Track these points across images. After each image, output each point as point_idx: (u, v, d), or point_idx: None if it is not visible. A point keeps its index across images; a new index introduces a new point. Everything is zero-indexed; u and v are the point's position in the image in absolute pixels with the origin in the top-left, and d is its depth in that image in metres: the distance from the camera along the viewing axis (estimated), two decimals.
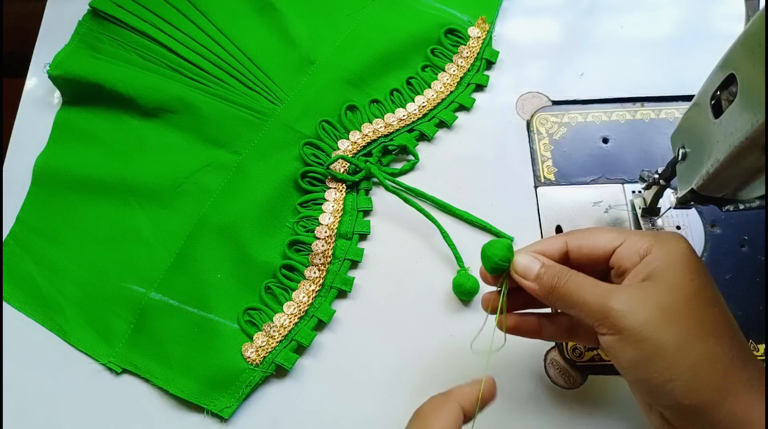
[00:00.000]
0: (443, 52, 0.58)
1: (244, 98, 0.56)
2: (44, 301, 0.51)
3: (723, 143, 0.34)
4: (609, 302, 0.32)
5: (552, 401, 0.46)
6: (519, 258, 0.37)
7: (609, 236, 0.36)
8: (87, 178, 0.54)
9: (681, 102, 0.55)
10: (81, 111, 0.58)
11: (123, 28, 0.58)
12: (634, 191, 0.52)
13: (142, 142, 0.56)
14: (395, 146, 0.54)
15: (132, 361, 0.48)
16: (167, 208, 0.53)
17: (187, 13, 0.59)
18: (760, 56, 0.30)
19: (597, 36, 0.60)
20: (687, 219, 0.51)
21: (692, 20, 0.60)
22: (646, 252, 0.34)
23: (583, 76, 0.57)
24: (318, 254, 0.50)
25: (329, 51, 0.58)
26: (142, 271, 0.51)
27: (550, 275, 0.35)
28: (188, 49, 0.57)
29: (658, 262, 0.34)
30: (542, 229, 0.51)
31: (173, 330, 0.48)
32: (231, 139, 0.54)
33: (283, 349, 0.47)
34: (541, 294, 0.36)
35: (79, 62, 0.57)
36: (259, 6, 0.60)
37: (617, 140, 0.54)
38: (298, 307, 0.48)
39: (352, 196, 0.53)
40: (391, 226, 0.52)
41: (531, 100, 0.57)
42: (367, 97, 0.56)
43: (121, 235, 0.52)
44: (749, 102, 0.31)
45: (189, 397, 0.46)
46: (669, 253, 0.34)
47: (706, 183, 0.37)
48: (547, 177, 0.53)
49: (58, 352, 0.49)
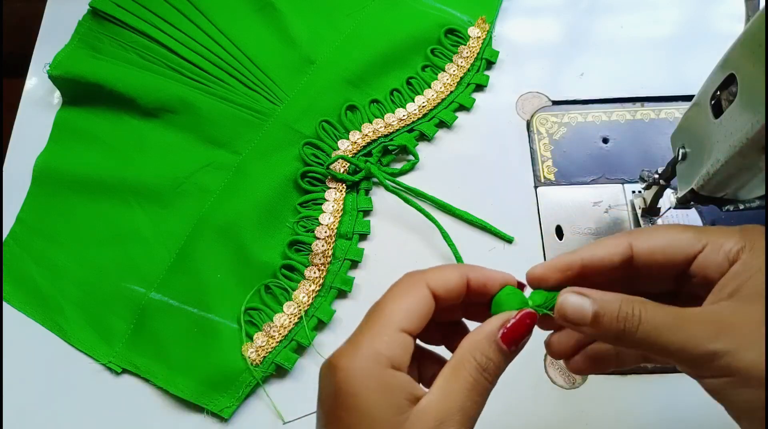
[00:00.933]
0: (443, 52, 0.58)
1: (244, 98, 0.56)
2: (44, 301, 0.51)
3: (723, 143, 0.34)
4: (710, 344, 0.25)
5: (552, 401, 0.45)
6: (562, 300, 0.27)
7: (686, 237, 0.28)
8: (87, 178, 0.54)
9: (681, 102, 0.55)
10: (81, 111, 0.58)
11: (123, 28, 0.58)
12: (634, 191, 0.52)
13: (142, 142, 0.56)
14: (395, 146, 0.54)
15: (132, 361, 0.48)
16: (167, 208, 0.53)
17: (187, 13, 0.59)
18: (760, 56, 0.30)
19: (597, 36, 0.60)
20: (687, 219, 0.51)
21: (692, 20, 0.60)
22: (736, 256, 0.27)
23: (583, 76, 0.57)
24: (318, 254, 0.50)
25: (329, 51, 0.58)
26: (142, 271, 0.51)
27: (612, 317, 0.26)
28: (188, 49, 0.57)
29: (753, 269, 0.26)
30: (542, 229, 0.51)
31: (173, 330, 0.48)
32: (231, 139, 0.54)
33: (283, 349, 0.47)
34: (606, 341, 0.29)
35: (79, 62, 0.57)
36: (259, 6, 0.60)
37: (617, 140, 0.54)
38: (298, 307, 0.48)
39: (352, 196, 0.53)
40: (391, 226, 0.52)
41: (531, 100, 0.57)
42: (367, 97, 0.56)
43: (121, 235, 0.52)
44: (749, 102, 0.31)
45: (189, 397, 0.46)
46: (762, 255, 0.27)
47: (706, 183, 0.37)
48: (547, 177, 0.53)
49: (58, 352, 0.49)
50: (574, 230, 0.51)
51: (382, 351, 0.26)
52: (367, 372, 0.26)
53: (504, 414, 0.45)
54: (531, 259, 0.50)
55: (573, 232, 0.51)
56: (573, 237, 0.51)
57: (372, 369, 0.26)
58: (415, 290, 0.28)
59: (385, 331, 0.27)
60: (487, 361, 0.27)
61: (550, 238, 0.51)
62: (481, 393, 0.27)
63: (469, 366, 0.27)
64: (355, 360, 0.26)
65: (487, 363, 0.27)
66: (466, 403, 0.26)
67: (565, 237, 0.51)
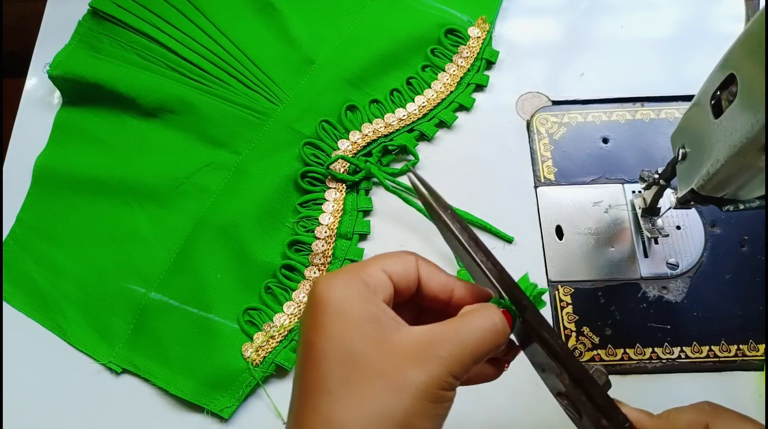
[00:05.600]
0: (443, 52, 0.58)
1: (244, 98, 0.56)
2: (44, 301, 0.51)
3: (723, 143, 0.34)
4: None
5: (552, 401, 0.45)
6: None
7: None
8: (87, 178, 0.54)
9: (681, 102, 0.55)
10: (81, 111, 0.58)
11: (123, 28, 0.58)
12: (634, 191, 0.52)
13: (142, 142, 0.56)
14: (395, 146, 0.54)
15: (132, 361, 0.48)
16: (167, 208, 0.53)
17: (188, 13, 0.59)
18: (760, 56, 0.30)
19: (597, 36, 0.60)
20: (687, 219, 0.51)
21: (692, 20, 0.60)
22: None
23: (583, 76, 0.57)
24: (318, 254, 0.50)
25: (329, 51, 0.58)
26: (142, 271, 0.51)
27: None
28: (188, 49, 0.57)
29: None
30: (542, 229, 0.51)
31: (173, 330, 0.48)
32: (231, 139, 0.54)
33: (283, 349, 0.47)
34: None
35: (79, 62, 0.57)
36: (259, 6, 0.60)
37: (617, 140, 0.54)
38: (298, 307, 0.48)
39: (352, 196, 0.53)
40: (391, 226, 0.52)
41: (531, 100, 0.57)
42: (367, 97, 0.56)
43: (121, 235, 0.52)
44: (749, 102, 0.31)
45: (189, 397, 0.46)
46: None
47: (706, 183, 0.37)
48: (547, 177, 0.53)
49: (58, 352, 0.49)
50: (574, 230, 0.51)
51: (362, 276, 0.27)
52: (347, 284, 0.27)
53: (504, 414, 0.45)
54: (531, 259, 0.50)
55: (573, 232, 0.51)
56: (573, 237, 0.51)
57: (351, 283, 0.27)
58: (403, 255, 0.29)
59: (368, 266, 0.28)
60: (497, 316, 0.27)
61: (550, 238, 0.51)
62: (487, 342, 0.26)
63: (480, 315, 0.27)
64: (336, 276, 0.27)
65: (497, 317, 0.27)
66: (472, 344, 0.26)
67: (565, 237, 0.51)
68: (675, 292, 0.48)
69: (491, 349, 0.27)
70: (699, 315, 0.48)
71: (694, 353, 0.47)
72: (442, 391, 0.25)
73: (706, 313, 0.48)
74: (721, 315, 0.47)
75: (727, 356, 0.46)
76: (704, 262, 0.49)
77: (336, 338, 0.25)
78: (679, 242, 0.50)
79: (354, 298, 0.26)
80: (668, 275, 0.49)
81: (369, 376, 0.25)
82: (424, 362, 0.25)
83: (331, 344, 0.25)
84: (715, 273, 0.49)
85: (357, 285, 0.27)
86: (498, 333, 0.27)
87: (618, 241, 0.50)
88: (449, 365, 0.25)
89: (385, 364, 0.25)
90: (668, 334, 0.47)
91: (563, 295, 0.49)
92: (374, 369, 0.25)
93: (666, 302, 0.48)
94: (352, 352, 0.25)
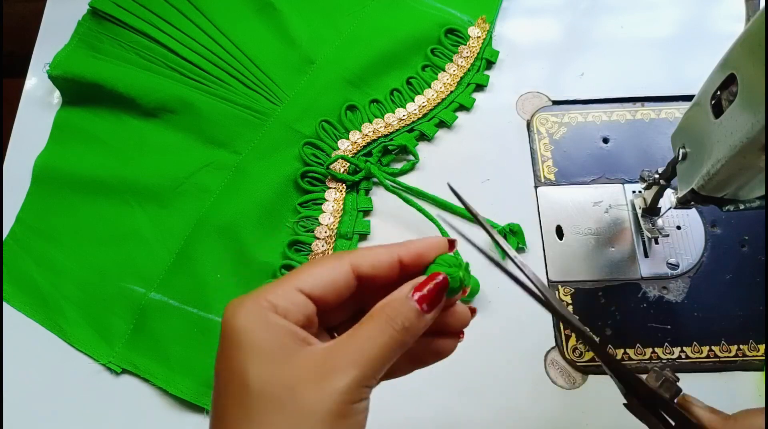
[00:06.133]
0: (443, 52, 0.58)
1: (244, 98, 0.56)
2: (44, 301, 0.50)
3: (723, 143, 0.34)
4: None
5: (552, 401, 0.45)
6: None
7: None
8: (87, 178, 0.54)
9: (681, 102, 0.55)
10: (81, 111, 0.58)
11: (123, 28, 0.58)
12: (635, 191, 0.52)
13: (142, 142, 0.56)
14: (395, 146, 0.54)
15: (132, 361, 0.48)
16: (167, 208, 0.53)
17: (188, 13, 0.59)
18: (760, 56, 0.30)
19: (597, 36, 0.60)
20: (687, 219, 0.51)
21: (692, 20, 0.60)
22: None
23: (583, 76, 0.57)
24: (318, 254, 0.50)
25: (329, 51, 0.58)
26: (142, 271, 0.51)
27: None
28: (188, 49, 0.57)
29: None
30: (542, 229, 0.51)
31: (173, 330, 0.48)
32: (231, 139, 0.54)
33: None
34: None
35: (78, 62, 0.57)
36: (259, 6, 0.60)
37: (617, 140, 0.54)
38: None
39: (352, 196, 0.53)
40: (391, 226, 0.52)
41: (531, 100, 0.57)
42: (367, 97, 0.56)
43: (121, 235, 0.52)
44: (749, 102, 0.31)
45: (189, 398, 0.46)
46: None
47: (707, 183, 0.37)
48: (547, 177, 0.53)
49: (58, 352, 0.49)
50: (574, 230, 0.51)
51: (270, 298, 0.26)
52: (250, 310, 0.26)
53: (504, 414, 0.45)
54: (531, 259, 0.50)
55: (573, 231, 0.51)
56: (573, 237, 0.51)
57: (254, 308, 0.26)
58: (330, 262, 0.28)
59: (279, 286, 0.27)
60: (397, 314, 0.26)
61: (550, 238, 0.51)
62: (390, 344, 0.25)
63: (378, 318, 0.26)
64: (241, 302, 0.26)
65: (397, 315, 0.26)
66: (371, 350, 0.25)
67: (565, 237, 0.51)
68: (675, 292, 0.48)
69: (396, 349, 0.26)
70: (699, 315, 0.48)
71: (694, 353, 0.47)
72: (348, 405, 0.24)
73: (707, 313, 0.48)
74: (721, 315, 0.47)
75: (728, 356, 0.46)
76: (704, 262, 0.49)
77: (235, 369, 0.25)
78: (680, 242, 0.50)
79: (256, 325, 0.25)
80: (668, 275, 0.49)
81: (268, 408, 0.24)
82: (322, 381, 0.24)
83: (232, 375, 0.25)
84: (716, 273, 0.49)
85: (260, 311, 0.25)
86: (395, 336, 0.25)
87: (618, 241, 0.50)
88: (352, 376, 0.24)
89: (283, 392, 0.24)
90: (668, 334, 0.47)
91: (563, 295, 0.49)
92: (273, 400, 0.24)
93: (666, 302, 0.48)
94: (251, 383, 0.24)
